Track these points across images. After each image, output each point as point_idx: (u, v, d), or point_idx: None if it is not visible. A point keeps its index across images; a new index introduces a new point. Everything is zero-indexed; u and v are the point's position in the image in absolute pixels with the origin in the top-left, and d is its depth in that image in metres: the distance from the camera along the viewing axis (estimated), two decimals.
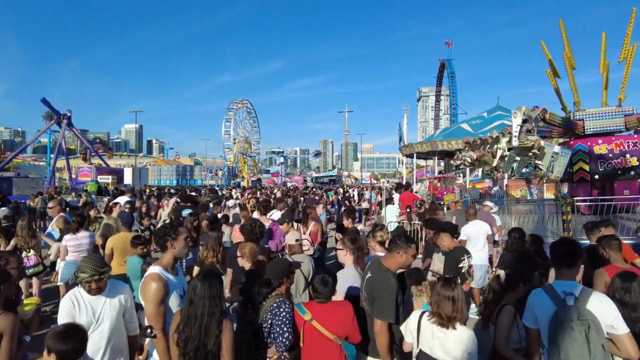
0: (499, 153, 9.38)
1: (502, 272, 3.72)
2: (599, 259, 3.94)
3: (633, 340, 2.63)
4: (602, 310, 2.61)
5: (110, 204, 10.06)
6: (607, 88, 11.18)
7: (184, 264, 6.06)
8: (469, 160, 11.32)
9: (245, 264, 4.27)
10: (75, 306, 2.89)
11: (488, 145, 10.35)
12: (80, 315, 2.87)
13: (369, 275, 3.41)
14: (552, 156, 9.47)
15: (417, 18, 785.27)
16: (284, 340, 2.96)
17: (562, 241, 3.10)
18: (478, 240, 7.00)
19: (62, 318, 2.85)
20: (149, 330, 2.83)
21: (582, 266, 3.77)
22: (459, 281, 3.08)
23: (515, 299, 3.23)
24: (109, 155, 44.52)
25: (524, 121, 8.96)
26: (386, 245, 4.56)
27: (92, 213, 9.03)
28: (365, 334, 3.28)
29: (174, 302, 3.00)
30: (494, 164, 9.72)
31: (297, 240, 4.82)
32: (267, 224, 6.50)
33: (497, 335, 3.07)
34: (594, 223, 5.17)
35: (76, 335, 2.37)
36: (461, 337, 2.79)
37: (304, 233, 6.76)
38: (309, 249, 5.96)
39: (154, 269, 3.07)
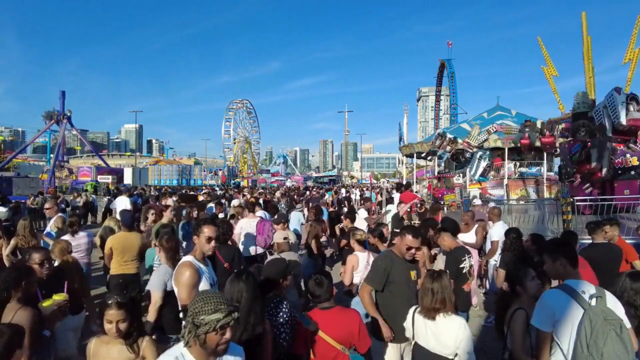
0: None
1: (504, 284, 3.71)
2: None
3: (634, 335, 2.63)
4: (617, 308, 2.59)
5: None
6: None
7: None
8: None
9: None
10: None
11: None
12: None
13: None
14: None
15: (417, 18, 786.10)
16: (280, 341, 2.93)
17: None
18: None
19: None
20: (181, 314, 2.92)
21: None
22: (449, 276, 3.11)
23: (528, 302, 3.08)
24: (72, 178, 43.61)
25: None
26: (366, 244, 4.75)
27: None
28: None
29: (203, 288, 3.18)
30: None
31: (285, 239, 4.88)
32: (254, 221, 7.07)
33: (514, 341, 2.93)
34: (596, 222, 5.13)
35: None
36: (450, 325, 2.86)
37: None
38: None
39: (186, 257, 3.32)
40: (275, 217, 6.88)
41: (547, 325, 2.66)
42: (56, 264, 4.48)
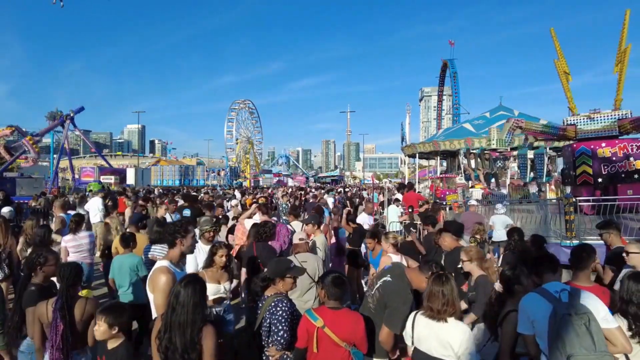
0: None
1: (497, 284, 3.69)
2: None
3: (625, 334, 2.67)
4: (593, 304, 2.64)
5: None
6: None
7: None
8: None
9: None
10: None
11: None
12: None
13: (389, 279, 3.36)
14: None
15: (419, 17, 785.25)
16: (278, 338, 3.00)
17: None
18: None
19: None
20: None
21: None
22: (453, 279, 3.04)
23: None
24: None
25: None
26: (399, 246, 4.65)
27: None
28: (371, 334, 3.26)
29: None
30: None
31: (301, 239, 4.82)
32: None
33: (502, 342, 3.01)
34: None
35: None
36: (455, 330, 2.81)
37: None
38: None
39: (162, 262, 3.20)
40: (307, 218, 6.70)
41: (528, 328, 2.80)
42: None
